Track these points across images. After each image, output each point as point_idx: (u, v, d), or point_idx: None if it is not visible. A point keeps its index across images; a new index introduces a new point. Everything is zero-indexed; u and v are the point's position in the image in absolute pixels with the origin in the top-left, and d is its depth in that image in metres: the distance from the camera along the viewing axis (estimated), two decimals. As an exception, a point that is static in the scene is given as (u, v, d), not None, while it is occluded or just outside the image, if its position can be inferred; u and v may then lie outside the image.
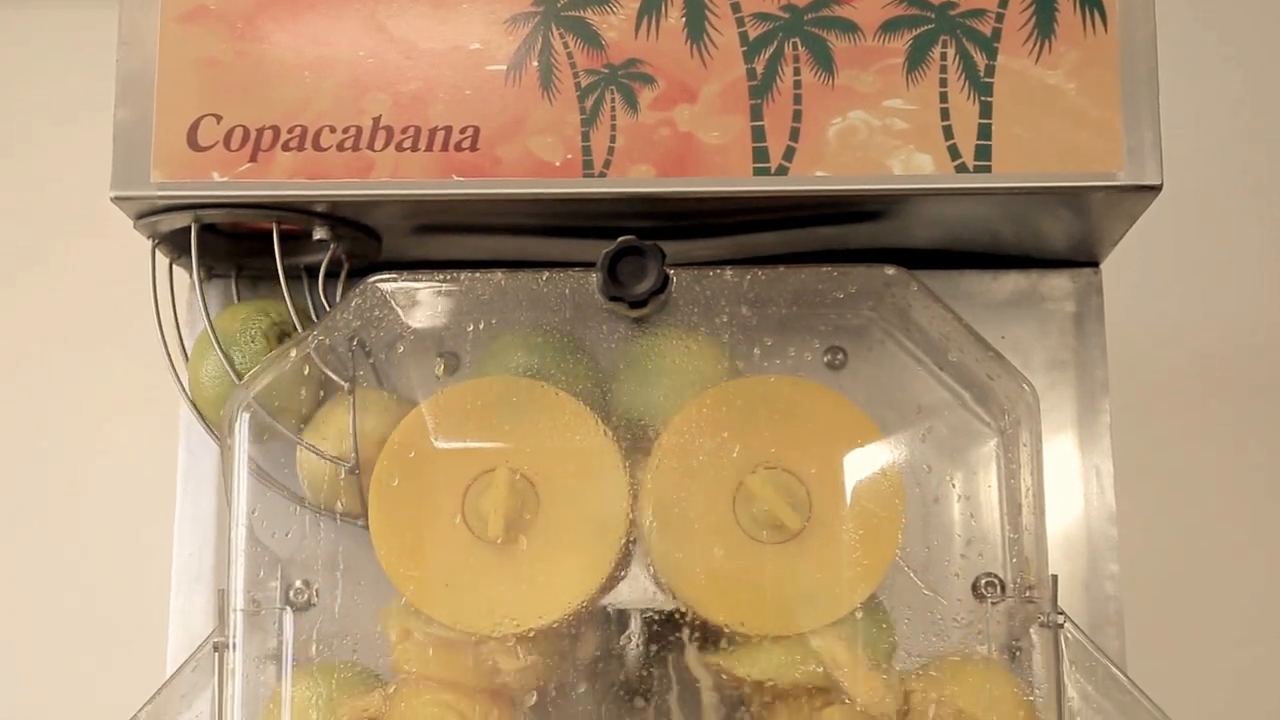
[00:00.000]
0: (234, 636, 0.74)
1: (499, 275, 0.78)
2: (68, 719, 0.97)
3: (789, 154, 0.75)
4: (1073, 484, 0.84)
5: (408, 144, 0.76)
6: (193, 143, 0.76)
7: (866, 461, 0.76)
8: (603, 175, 0.76)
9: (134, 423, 1.09)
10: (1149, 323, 1.14)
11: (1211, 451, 1.11)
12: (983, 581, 0.78)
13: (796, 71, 0.75)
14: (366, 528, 0.76)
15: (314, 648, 0.76)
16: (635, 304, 0.76)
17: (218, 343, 0.78)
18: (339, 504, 0.77)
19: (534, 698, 0.76)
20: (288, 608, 0.76)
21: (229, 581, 0.75)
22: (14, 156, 1.23)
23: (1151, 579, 1.02)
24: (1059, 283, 0.86)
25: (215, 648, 0.74)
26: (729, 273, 0.78)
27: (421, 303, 0.79)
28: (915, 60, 0.75)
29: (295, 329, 0.80)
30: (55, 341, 1.19)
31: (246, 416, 0.76)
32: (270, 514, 0.77)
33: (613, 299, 0.75)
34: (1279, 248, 1.17)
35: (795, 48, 0.75)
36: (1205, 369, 1.13)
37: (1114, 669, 0.75)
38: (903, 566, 0.76)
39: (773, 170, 0.75)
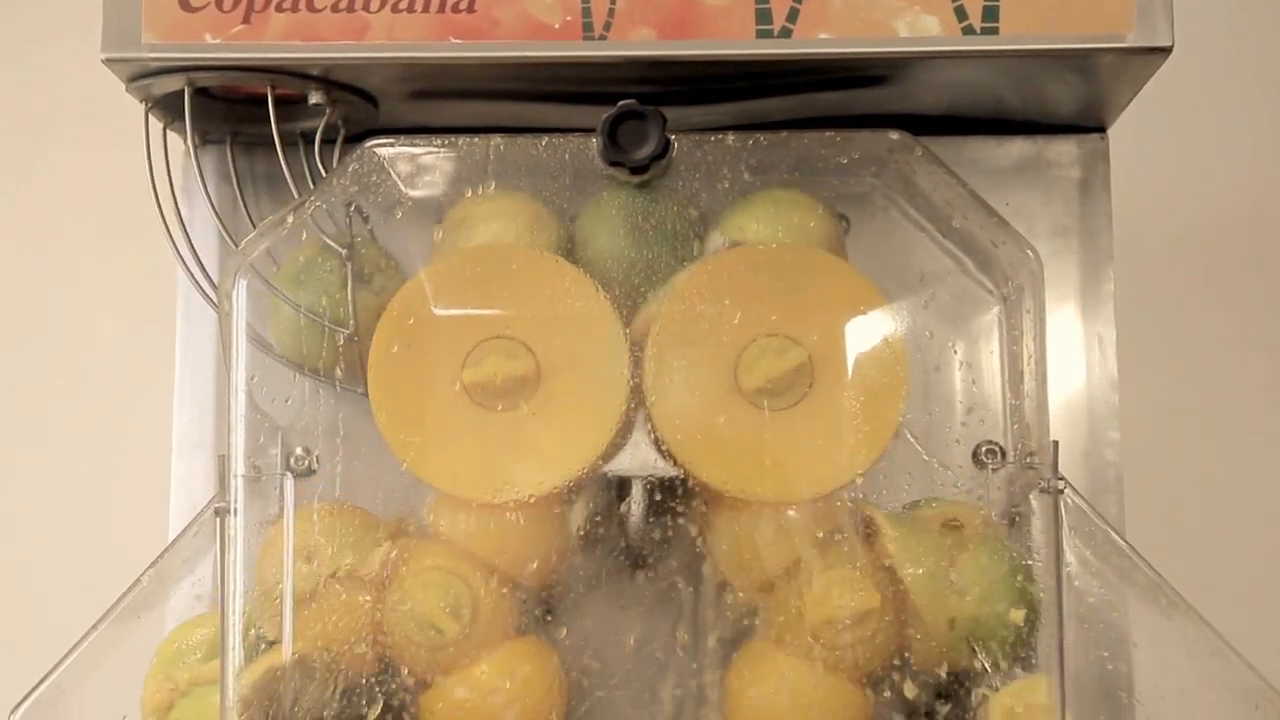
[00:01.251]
0: (235, 502, 0.74)
1: (497, 140, 0.77)
2: (70, 584, 0.97)
3: (793, 15, 0.74)
4: (1075, 352, 0.84)
5: (404, 5, 0.74)
6: (184, 3, 0.75)
7: (869, 328, 0.76)
8: (603, 38, 0.74)
9: (132, 290, 1.08)
10: (1156, 189, 1.13)
11: (1215, 320, 1.11)
12: (983, 449, 0.78)
13: (801, -71, 0.74)
14: (366, 395, 0.76)
15: (314, 515, 0.77)
16: (636, 169, 0.75)
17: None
18: (338, 371, 0.77)
19: (535, 564, 0.76)
20: (288, 474, 0.76)
21: (229, 448, 0.75)
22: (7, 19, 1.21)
23: (1152, 447, 1.02)
24: (1065, 149, 0.85)
25: (216, 513, 0.74)
26: (731, 138, 0.77)
27: (419, 168, 0.78)
28: (922, -82, 0.74)
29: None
30: (53, 211, 1.18)
31: (244, 283, 0.76)
32: (269, 381, 0.77)
33: (613, 164, 0.74)
34: (1290, 115, 1.16)
35: (800, -95, 0.74)
36: (1212, 237, 1.12)
37: (1113, 534, 0.75)
38: (905, 434, 0.76)
39: (776, 33, 0.74)
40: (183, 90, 0.77)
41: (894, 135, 0.76)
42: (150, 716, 0.75)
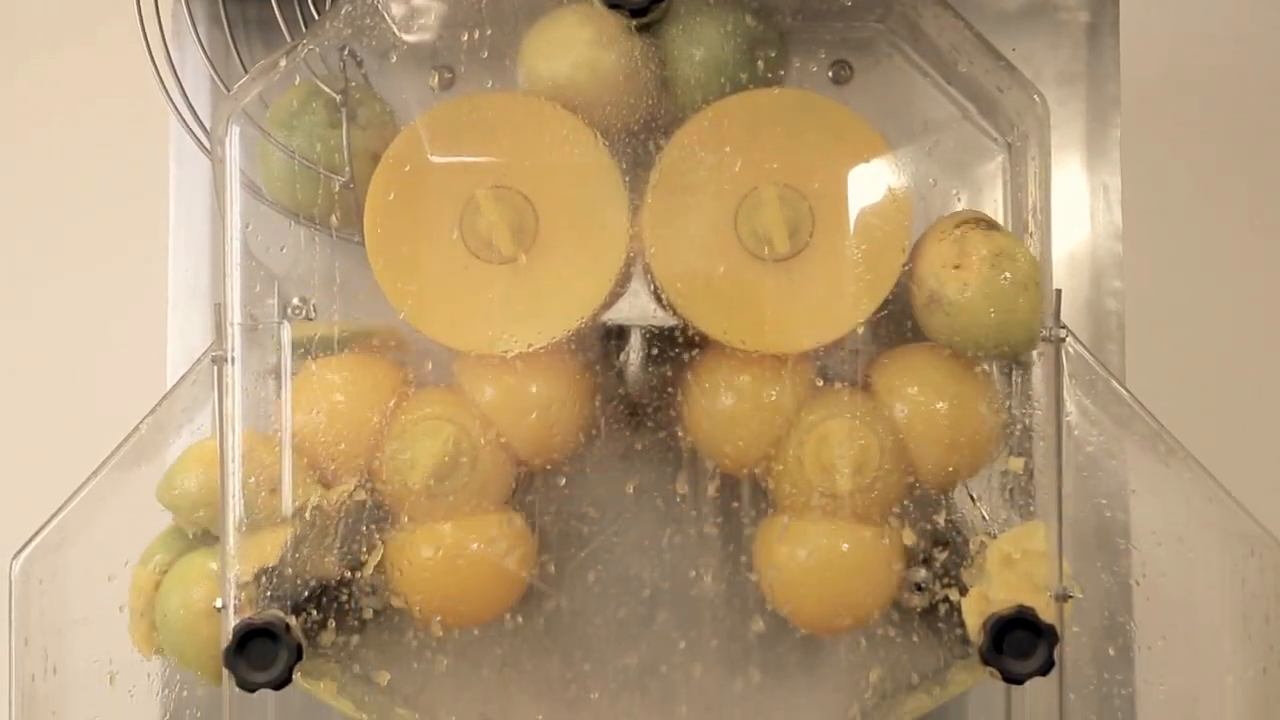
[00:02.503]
0: (232, 350, 0.74)
1: (493, -18, 0.75)
2: (69, 433, 0.97)
3: None
4: (1079, 201, 0.83)
5: None
6: None
7: (872, 176, 0.75)
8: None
9: (124, 139, 1.07)
10: (1165, 36, 1.10)
11: (1222, 170, 1.09)
12: (985, 299, 0.77)
13: None
14: (363, 244, 0.75)
15: (312, 365, 0.76)
16: (636, 11, 0.73)
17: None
18: (334, 219, 0.76)
19: (534, 414, 0.76)
20: (285, 323, 0.76)
21: (225, 296, 0.74)
22: None
23: (1155, 296, 1.02)
24: (1073, -8, 0.83)
25: (214, 361, 0.74)
26: (733, -19, 0.75)
27: (413, 11, 0.76)
28: None
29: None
30: (41, 58, 1.16)
31: (236, 129, 0.74)
32: (264, 229, 0.76)
33: (612, 6, 0.73)
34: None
35: None
36: (1221, 86, 1.11)
37: (1114, 383, 0.75)
38: (906, 283, 0.75)
39: None
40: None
41: (899, -23, 0.75)
42: (138, 598, 0.76)
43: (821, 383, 0.75)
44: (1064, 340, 0.74)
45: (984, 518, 0.75)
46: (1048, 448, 0.73)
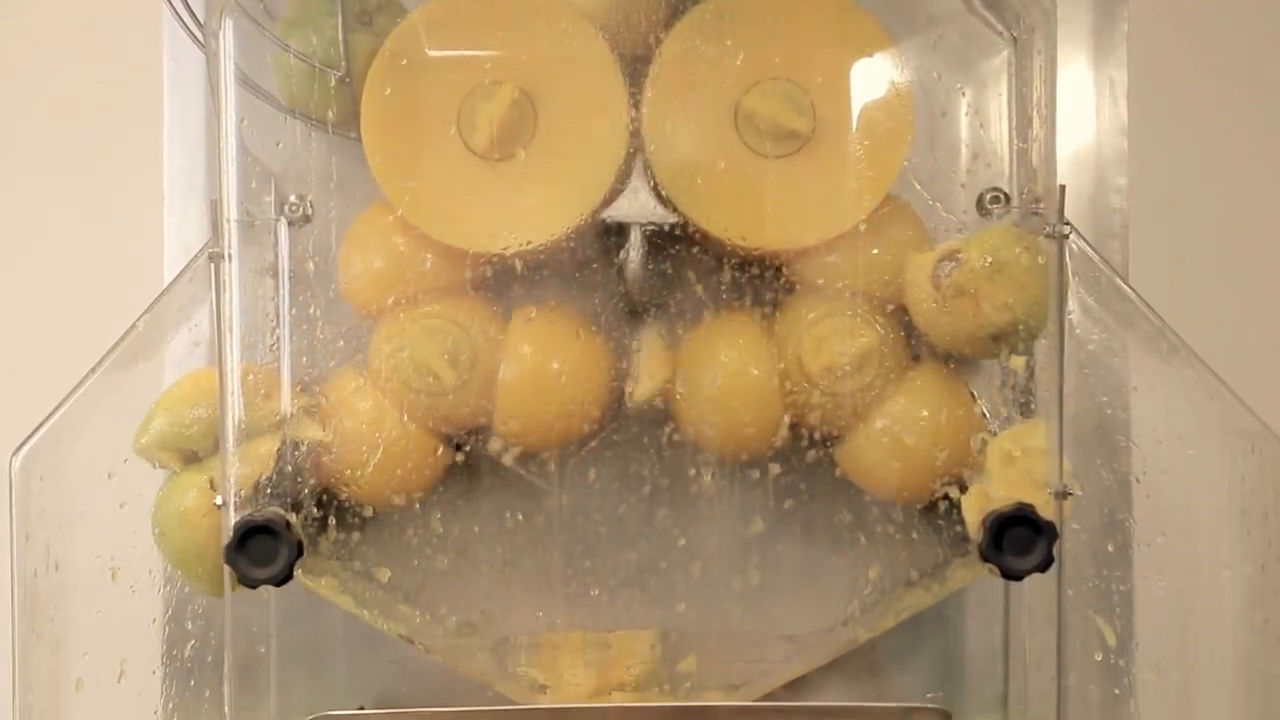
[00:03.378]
0: (229, 247, 0.73)
1: None
2: (67, 331, 0.97)
3: None
4: (1085, 96, 0.82)
5: None
6: None
7: (874, 71, 0.74)
8: None
9: (117, 31, 1.05)
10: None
11: (1231, 65, 1.08)
12: (988, 195, 0.76)
13: None
14: (360, 140, 0.74)
15: (310, 264, 0.76)
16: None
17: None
18: (330, 114, 0.75)
19: (534, 312, 0.76)
20: (282, 219, 0.75)
21: (221, 192, 0.73)
22: None
23: (1160, 194, 1.01)
24: (1082, -122, 0.82)
25: (210, 258, 0.74)
26: None
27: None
28: None
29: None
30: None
31: (230, 22, 0.73)
32: (260, 124, 0.75)
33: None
34: None
35: None
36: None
37: (1118, 280, 0.75)
38: (909, 179, 0.75)
39: None
40: None
41: None
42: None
43: (823, 280, 0.75)
44: (1067, 237, 0.73)
45: (984, 415, 0.75)
46: (1049, 345, 0.72)
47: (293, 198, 0.76)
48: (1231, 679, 0.77)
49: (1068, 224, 0.73)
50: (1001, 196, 0.76)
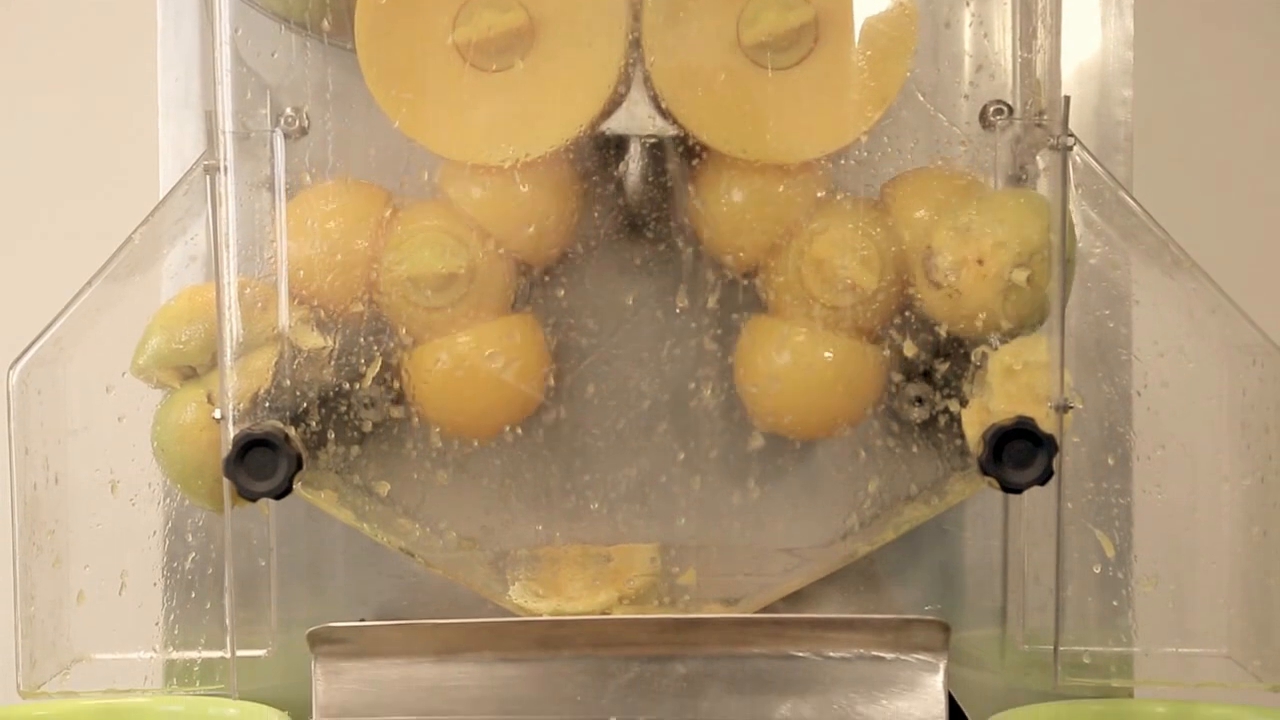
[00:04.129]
0: (225, 159, 0.73)
1: None
2: (63, 245, 0.97)
3: None
4: (1090, 7, 0.81)
5: None
6: None
7: (877, -21, 0.73)
8: None
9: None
10: None
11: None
12: (991, 108, 0.76)
13: None
14: (355, 51, 0.73)
15: (307, 176, 0.75)
16: None
17: None
18: (325, 24, 0.74)
19: (532, 228, 0.75)
20: (278, 131, 0.74)
21: (216, 104, 0.73)
22: None
23: (1165, 106, 1.00)
24: None
25: (206, 170, 0.73)
26: None
27: None
28: None
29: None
30: None
31: (223, -71, 0.72)
32: (255, 35, 0.74)
33: None
34: None
35: None
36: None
37: (1121, 192, 0.74)
38: (911, 90, 0.74)
39: None
40: None
41: None
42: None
43: (824, 193, 0.74)
44: (1071, 149, 0.73)
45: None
46: (1051, 259, 0.72)
47: (289, 110, 0.75)
48: (1228, 591, 0.78)
49: (1071, 136, 0.72)
50: (1005, 109, 0.75)
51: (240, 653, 0.77)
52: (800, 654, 0.72)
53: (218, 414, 0.73)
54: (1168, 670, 0.78)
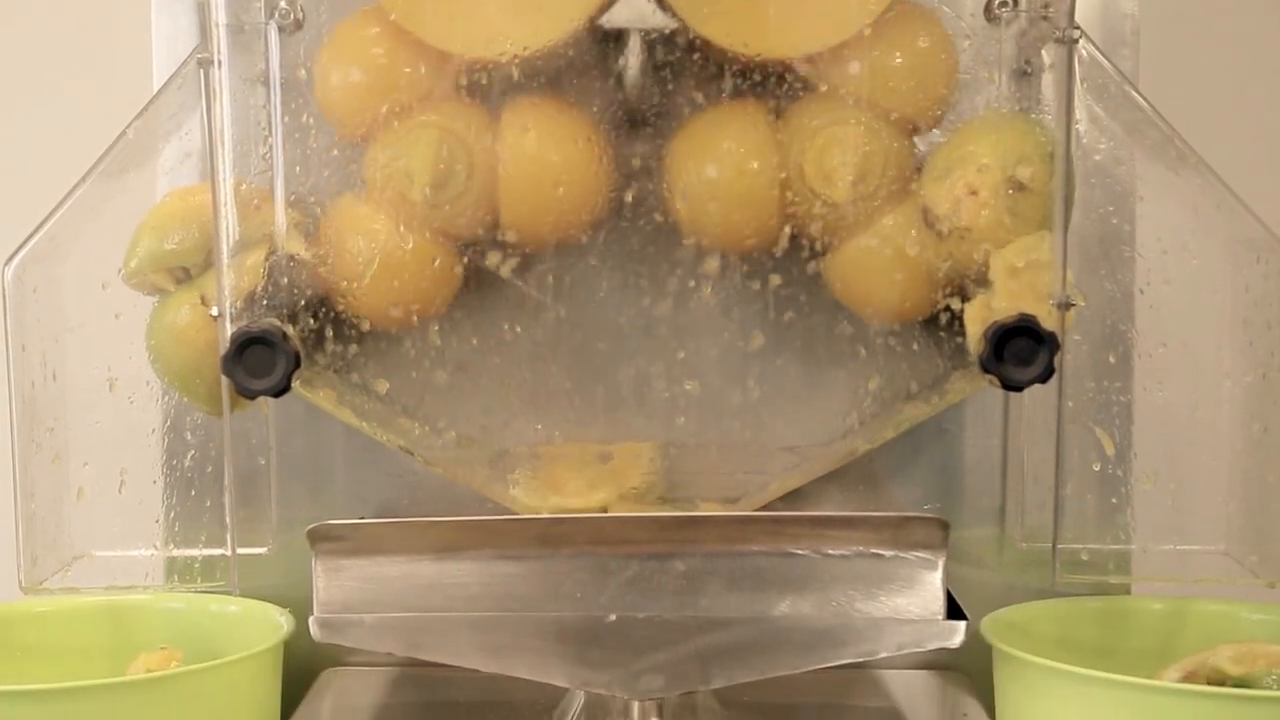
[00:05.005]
0: (218, 53, 0.72)
1: None
2: (56, 140, 0.95)
3: None
4: (1099, -102, 0.80)
5: None
6: None
7: None
8: None
9: None
10: None
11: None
12: (996, 1, 0.75)
13: None
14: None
15: (302, 71, 0.74)
16: None
17: None
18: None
19: (531, 121, 0.74)
20: (272, 24, 0.73)
21: (209, -6, 0.72)
22: None
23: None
24: None
25: (200, 64, 0.72)
26: None
27: None
28: None
29: None
30: None
31: None
32: (248, -75, 0.73)
33: None
34: None
35: None
36: None
37: (1126, 86, 0.73)
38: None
39: None
40: None
41: None
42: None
43: (826, 88, 0.73)
44: (1077, 42, 0.71)
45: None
46: (1056, 153, 0.71)
47: (283, 2, 0.74)
48: (1227, 488, 0.78)
49: (1077, 29, 0.71)
50: (1010, 1, 0.74)
51: (241, 551, 0.77)
52: (799, 551, 0.72)
53: (215, 311, 0.73)
54: (1166, 567, 0.78)
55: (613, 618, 0.71)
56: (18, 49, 1.05)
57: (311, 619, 0.71)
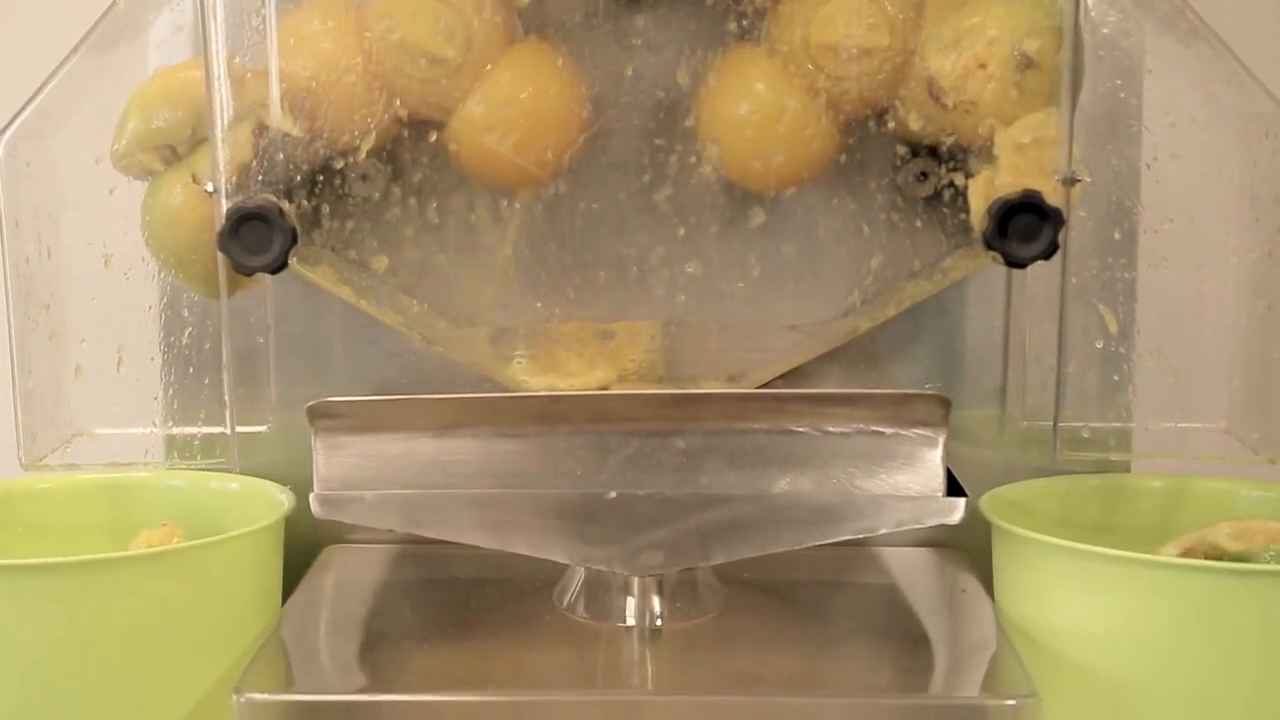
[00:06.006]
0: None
1: None
2: (43, 11, 0.94)
3: None
4: None
5: None
6: None
7: None
8: None
9: None
10: None
11: None
12: None
13: None
14: None
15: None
16: None
17: None
18: None
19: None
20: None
21: None
22: None
23: None
24: None
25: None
26: None
27: None
28: None
29: None
30: None
31: None
32: None
33: None
34: None
35: None
36: None
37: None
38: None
39: None
40: None
41: None
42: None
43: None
44: (1085, -90, 0.70)
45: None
46: (1065, 27, 0.70)
47: None
48: (1230, 365, 0.77)
49: (1088, -106, 0.70)
50: None
51: (240, 429, 0.77)
52: (800, 429, 0.72)
53: (210, 187, 0.72)
54: (1166, 445, 0.78)
55: (613, 495, 0.71)
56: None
57: (312, 495, 0.72)
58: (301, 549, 0.83)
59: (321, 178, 0.74)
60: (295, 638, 0.75)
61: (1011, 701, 0.65)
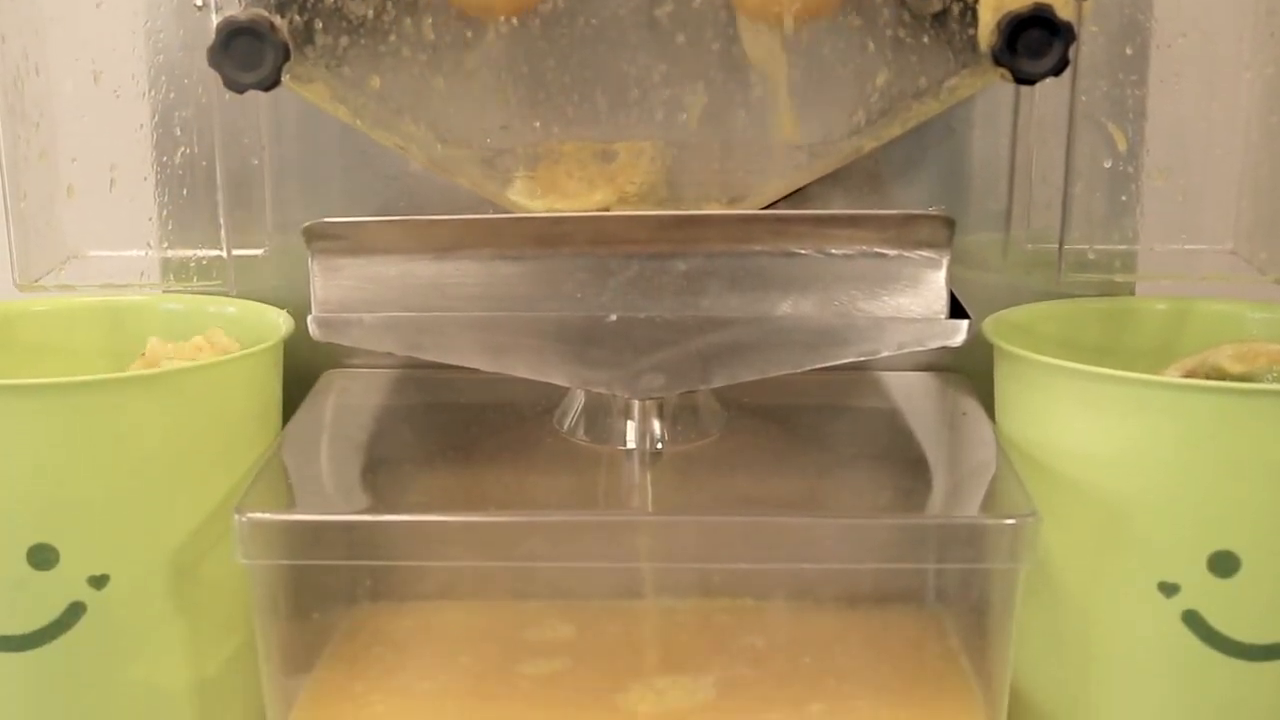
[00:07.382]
0: None
1: None
2: None
3: None
4: None
5: None
6: None
7: None
8: None
9: None
10: None
11: None
12: None
13: None
14: None
15: None
16: None
17: None
18: None
19: None
20: None
21: None
22: None
23: None
24: None
25: None
26: None
27: None
28: None
29: None
30: None
31: None
32: None
33: None
34: None
35: None
36: None
37: None
38: None
39: None
40: None
41: None
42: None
43: None
44: None
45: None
46: None
47: None
48: (1239, 183, 0.76)
49: None
50: None
51: (236, 252, 0.76)
52: (802, 251, 0.71)
53: (199, 1, 0.70)
54: (1172, 266, 0.78)
55: (613, 317, 0.71)
56: None
57: (310, 318, 0.71)
58: (300, 374, 0.82)
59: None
60: (296, 460, 0.75)
61: (1011, 520, 0.65)
